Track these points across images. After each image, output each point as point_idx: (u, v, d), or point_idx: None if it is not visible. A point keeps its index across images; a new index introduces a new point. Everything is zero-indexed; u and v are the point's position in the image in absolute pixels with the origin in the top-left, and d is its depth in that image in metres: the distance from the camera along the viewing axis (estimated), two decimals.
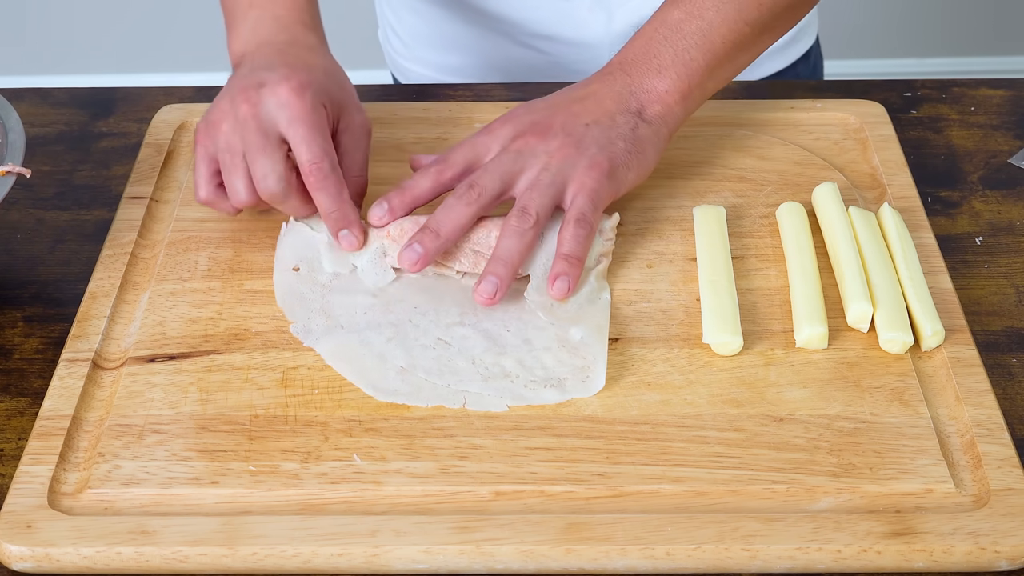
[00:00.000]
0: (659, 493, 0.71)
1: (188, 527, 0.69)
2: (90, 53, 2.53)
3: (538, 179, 0.82)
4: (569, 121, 0.85)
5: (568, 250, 0.81)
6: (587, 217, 0.82)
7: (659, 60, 0.87)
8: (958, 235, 0.90)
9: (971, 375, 0.77)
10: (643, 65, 0.87)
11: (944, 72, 2.53)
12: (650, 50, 0.88)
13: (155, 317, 0.82)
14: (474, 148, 0.85)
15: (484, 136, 0.85)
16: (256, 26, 0.90)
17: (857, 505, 0.70)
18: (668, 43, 0.87)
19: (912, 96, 1.04)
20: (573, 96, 0.87)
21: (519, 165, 0.83)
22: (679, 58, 0.87)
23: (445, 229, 0.81)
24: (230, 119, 0.82)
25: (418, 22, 1.19)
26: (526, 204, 0.82)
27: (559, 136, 0.84)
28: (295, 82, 0.82)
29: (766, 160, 0.94)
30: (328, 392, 0.76)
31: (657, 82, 0.87)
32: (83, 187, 0.96)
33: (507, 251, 0.81)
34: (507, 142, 0.84)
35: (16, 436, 0.77)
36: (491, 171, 0.82)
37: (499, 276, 0.80)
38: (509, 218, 0.81)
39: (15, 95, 1.01)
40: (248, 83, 0.83)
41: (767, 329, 0.80)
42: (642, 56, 0.88)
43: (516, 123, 0.85)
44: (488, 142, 0.85)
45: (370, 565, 0.68)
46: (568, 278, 0.81)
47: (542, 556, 0.68)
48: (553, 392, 0.76)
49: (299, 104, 0.81)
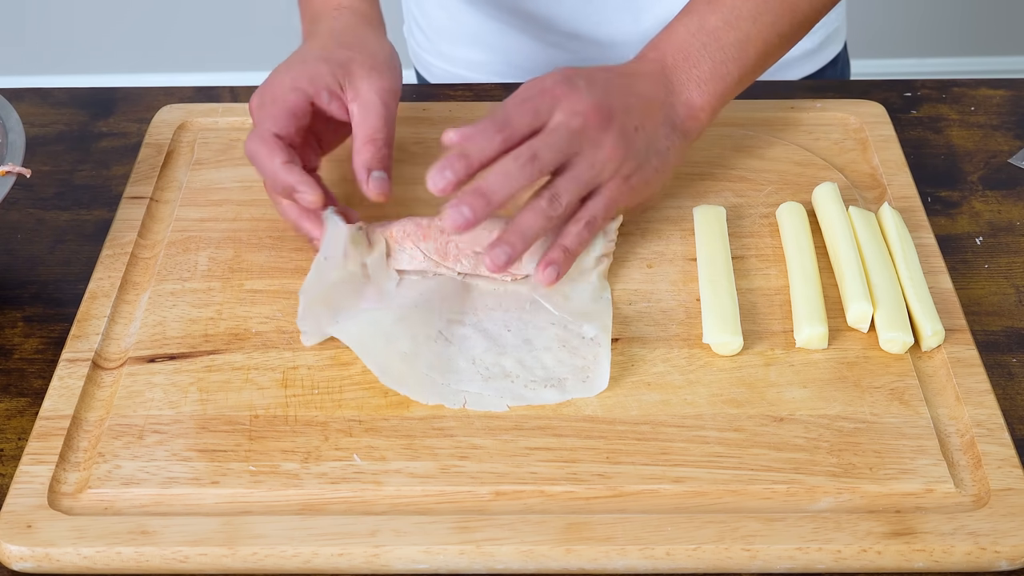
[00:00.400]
0: (659, 493, 0.71)
1: (188, 527, 0.69)
2: (90, 53, 2.53)
3: (580, 174, 0.80)
4: (625, 118, 0.82)
5: (569, 243, 0.81)
6: (598, 222, 0.82)
7: (699, 71, 0.86)
8: (958, 235, 0.90)
9: (971, 375, 0.77)
10: (683, 74, 0.86)
11: (944, 72, 2.53)
12: (689, 56, 0.86)
13: (155, 317, 0.82)
14: (537, 113, 0.81)
15: (547, 101, 0.81)
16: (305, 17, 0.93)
17: (857, 505, 0.70)
18: (707, 52, 0.86)
19: (912, 96, 1.04)
20: (624, 85, 0.84)
21: (575, 147, 0.80)
22: (717, 71, 0.86)
23: (498, 195, 0.77)
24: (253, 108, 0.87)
25: (442, 16, 1.19)
26: (561, 192, 0.79)
27: (614, 133, 0.81)
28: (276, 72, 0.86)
29: (766, 160, 0.94)
30: (328, 392, 0.76)
31: (696, 96, 0.86)
32: (83, 187, 0.96)
33: (528, 228, 0.79)
34: (569, 115, 0.80)
35: (16, 436, 0.77)
36: (553, 146, 0.79)
37: (514, 248, 0.78)
38: (540, 197, 0.79)
39: (15, 95, 1.01)
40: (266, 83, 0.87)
41: (767, 329, 0.80)
42: (682, 62, 0.86)
43: (579, 97, 0.81)
44: (551, 109, 0.81)
45: (370, 565, 0.68)
46: (558, 268, 0.80)
47: (542, 556, 0.68)
48: (553, 392, 0.76)
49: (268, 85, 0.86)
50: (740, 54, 0.87)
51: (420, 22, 1.22)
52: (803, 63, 1.17)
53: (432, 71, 1.24)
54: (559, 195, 0.80)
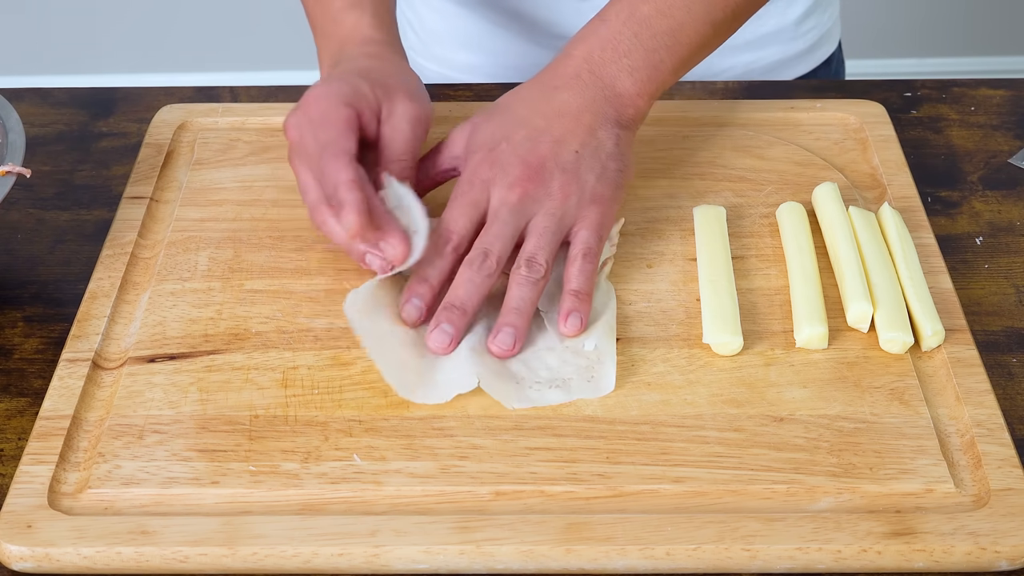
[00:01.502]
0: (659, 493, 0.71)
1: (188, 527, 0.69)
2: (90, 53, 2.53)
3: (545, 228, 0.81)
4: (559, 152, 0.82)
5: (577, 286, 0.80)
6: (593, 251, 0.81)
7: (630, 60, 0.85)
8: (958, 235, 0.90)
9: (971, 375, 0.77)
10: (613, 65, 0.85)
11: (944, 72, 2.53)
12: (619, 47, 0.85)
13: (155, 317, 0.82)
14: (475, 205, 0.82)
15: (476, 188, 0.82)
16: (324, 61, 0.92)
17: (857, 505, 0.70)
18: (639, 40, 0.85)
19: (912, 96, 1.04)
20: (544, 110, 0.84)
21: (524, 217, 0.81)
22: (649, 59, 0.85)
23: (470, 304, 0.79)
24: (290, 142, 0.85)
25: (435, 19, 1.19)
26: (534, 254, 0.80)
27: (556, 175, 0.82)
28: (309, 97, 0.83)
29: (766, 160, 0.94)
30: (328, 392, 0.76)
31: (629, 84, 0.85)
32: (83, 187, 0.96)
33: (521, 301, 0.79)
34: (505, 191, 0.81)
35: (16, 436, 0.77)
36: (500, 236, 0.80)
37: (516, 327, 0.79)
38: (518, 268, 0.80)
39: (15, 95, 1.01)
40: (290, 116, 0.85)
41: (767, 329, 0.80)
42: (611, 54, 0.85)
43: (503, 167, 0.82)
44: (485, 196, 0.82)
45: (370, 565, 0.68)
46: (580, 314, 0.79)
47: (542, 556, 0.68)
48: (559, 393, 0.76)
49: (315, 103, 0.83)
50: (673, 42, 0.86)
51: (414, 25, 1.22)
52: (796, 64, 1.17)
53: (426, 74, 1.24)
54: (534, 258, 0.80)
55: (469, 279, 0.79)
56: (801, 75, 1.18)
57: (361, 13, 0.91)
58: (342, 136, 0.81)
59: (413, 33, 1.23)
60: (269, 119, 0.98)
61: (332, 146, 0.81)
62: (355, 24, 0.91)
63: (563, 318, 0.79)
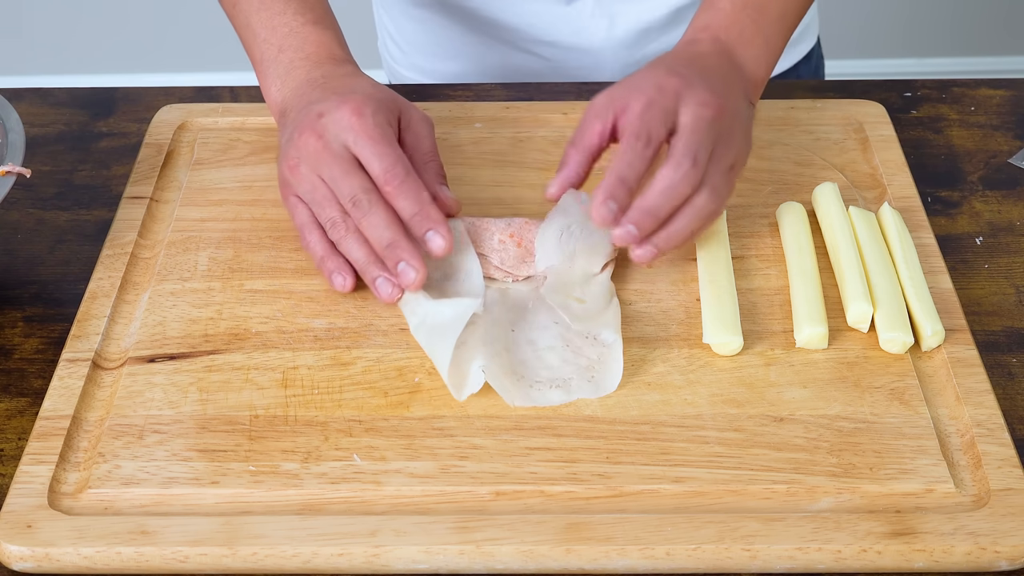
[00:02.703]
0: (659, 493, 0.71)
1: (188, 527, 0.69)
2: (90, 53, 2.53)
3: (726, 158, 0.80)
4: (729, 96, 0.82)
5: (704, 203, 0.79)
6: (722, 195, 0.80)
7: (755, 49, 0.87)
8: (958, 235, 0.90)
9: (971, 375, 0.77)
10: (741, 49, 0.86)
11: (944, 72, 2.53)
12: (743, 34, 0.86)
13: (155, 317, 0.82)
14: (666, 113, 0.80)
15: (668, 98, 0.80)
16: (290, 70, 0.89)
17: (857, 505, 0.70)
18: (759, 28, 0.87)
19: (912, 96, 1.04)
20: (706, 68, 0.84)
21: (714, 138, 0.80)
22: (768, 45, 0.87)
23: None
24: (304, 160, 0.82)
25: (416, 29, 1.18)
26: (697, 152, 0.78)
27: (728, 113, 0.81)
28: (352, 103, 0.81)
29: (766, 160, 0.94)
30: (328, 392, 0.76)
31: (755, 69, 0.87)
32: (83, 187, 0.96)
33: (667, 195, 0.78)
34: (698, 107, 0.80)
35: (16, 436, 0.77)
36: (704, 144, 0.79)
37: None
38: (676, 166, 0.78)
39: (15, 95, 1.01)
40: (306, 120, 0.83)
41: (767, 329, 0.80)
42: (736, 39, 0.86)
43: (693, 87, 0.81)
44: (675, 105, 0.80)
45: (370, 565, 0.68)
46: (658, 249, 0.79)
47: (542, 556, 0.68)
48: (559, 393, 0.76)
49: (361, 122, 0.81)
50: (783, 28, 0.88)
51: (394, 36, 1.21)
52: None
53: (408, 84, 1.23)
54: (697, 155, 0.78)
55: (671, 184, 0.78)
56: (784, 70, 1.18)
57: (324, 30, 0.90)
58: (400, 155, 0.81)
59: (393, 44, 1.22)
60: (269, 119, 0.98)
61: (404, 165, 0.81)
62: (321, 41, 0.89)
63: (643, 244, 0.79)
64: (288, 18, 0.90)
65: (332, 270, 0.82)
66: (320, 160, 0.81)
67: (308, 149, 0.81)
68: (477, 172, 0.93)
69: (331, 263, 0.82)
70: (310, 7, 0.91)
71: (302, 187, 0.82)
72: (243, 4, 0.92)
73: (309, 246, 0.83)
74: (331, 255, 0.82)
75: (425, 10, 1.16)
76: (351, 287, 0.82)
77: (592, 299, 0.81)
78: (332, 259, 0.82)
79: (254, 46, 0.91)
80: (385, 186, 0.80)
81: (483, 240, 0.83)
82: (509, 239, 0.84)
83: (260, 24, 0.91)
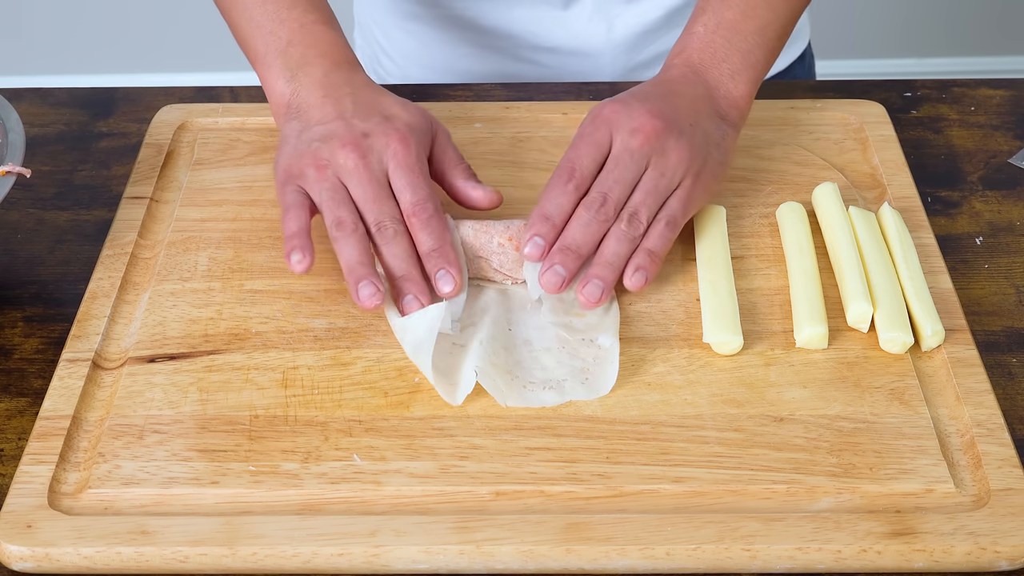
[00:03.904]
0: (659, 493, 0.71)
1: (188, 527, 0.69)
2: (90, 53, 2.53)
3: (654, 186, 0.82)
4: (678, 119, 0.84)
5: (652, 246, 0.81)
6: (677, 221, 0.82)
7: (729, 65, 0.88)
8: (958, 235, 0.90)
9: (971, 375, 0.77)
10: (715, 70, 0.88)
11: (944, 72, 2.53)
12: (716, 54, 0.88)
13: (155, 317, 0.82)
14: (599, 148, 0.83)
15: (602, 130, 0.83)
16: (302, 64, 0.88)
17: (857, 505, 0.70)
18: (732, 45, 0.88)
19: (912, 96, 1.04)
20: (664, 91, 0.86)
21: (642, 166, 0.82)
22: (746, 60, 0.88)
23: (587, 248, 0.80)
24: (337, 169, 0.82)
25: (411, 42, 1.17)
26: (638, 210, 0.81)
27: (674, 135, 0.83)
28: (399, 132, 0.83)
29: (766, 160, 0.94)
30: (328, 392, 0.76)
31: (732, 87, 0.87)
32: (83, 187, 0.96)
33: (615, 256, 0.80)
34: (627, 136, 0.82)
35: (16, 436, 0.77)
36: (620, 179, 0.82)
37: (606, 280, 0.80)
38: (620, 221, 0.81)
39: (15, 95, 1.01)
40: (348, 135, 0.83)
41: (767, 329, 0.80)
42: (710, 60, 0.88)
43: (632, 113, 0.83)
44: (608, 137, 0.83)
45: (370, 565, 0.68)
46: (646, 272, 0.80)
47: (542, 556, 0.68)
48: (552, 394, 0.76)
49: (406, 153, 0.82)
50: (762, 40, 0.89)
51: (388, 51, 1.20)
52: None
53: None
54: (638, 213, 0.81)
55: (587, 223, 0.81)
56: (778, 71, 1.18)
57: (334, 32, 0.90)
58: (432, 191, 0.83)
59: (387, 58, 1.21)
60: (269, 119, 0.98)
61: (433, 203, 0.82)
62: (333, 41, 0.90)
63: (631, 270, 0.80)
64: (298, 13, 0.90)
65: (295, 248, 0.80)
66: (356, 177, 0.82)
67: (347, 163, 0.82)
68: (477, 172, 0.92)
69: (297, 242, 0.80)
70: (318, 7, 0.91)
71: (321, 187, 0.82)
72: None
73: (287, 222, 0.81)
74: (301, 235, 0.81)
75: (419, 23, 1.15)
76: (306, 268, 0.79)
77: (592, 311, 0.81)
78: (300, 239, 0.80)
79: (257, 38, 0.90)
80: (412, 216, 0.81)
81: (482, 243, 0.83)
82: (508, 242, 0.84)
83: (266, 17, 0.90)
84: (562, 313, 0.81)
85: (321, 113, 0.85)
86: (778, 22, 0.89)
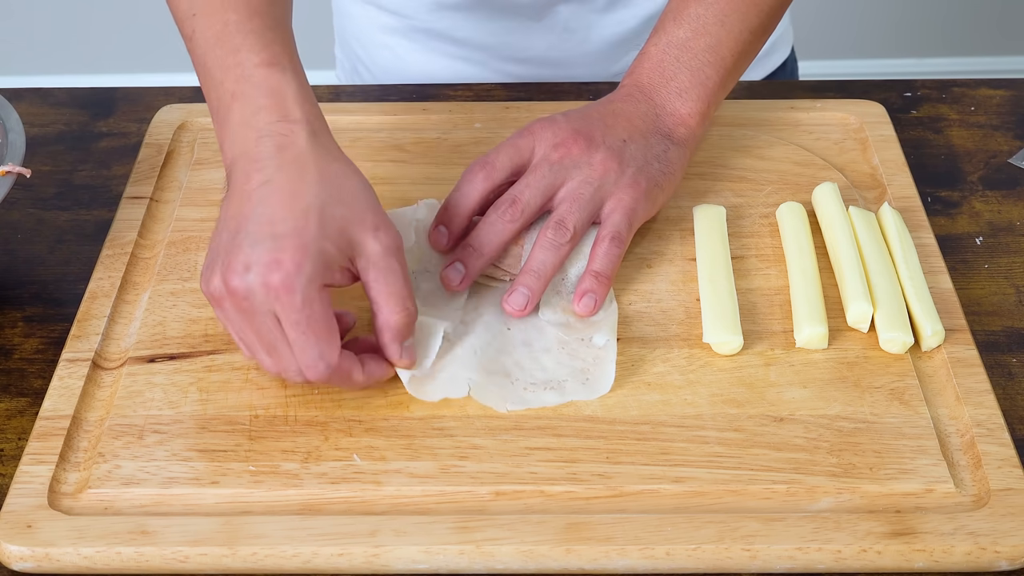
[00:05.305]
0: (659, 493, 0.71)
1: (188, 527, 0.69)
2: (90, 53, 2.53)
3: (579, 194, 0.82)
4: (608, 134, 0.84)
5: (599, 267, 0.81)
6: (622, 235, 0.82)
7: (677, 83, 0.87)
8: (958, 235, 0.91)
9: (971, 375, 0.77)
10: (662, 89, 0.87)
11: (944, 72, 2.53)
12: (664, 72, 0.88)
13: (155, 317, 0.82)
14: (518, 151, 0.84)
15: (526, 138, 0.84)
16: (238, 129, 0.75)
17: (857, 505, 0.70)
18: (681, 64, 0.87)
19: (912, 96, 1.04)
20: (603, 111, 0.86)
21: (561, 177, 0.82)
22: (695, 78, 0.87)
23: (488, 248, 0.81)
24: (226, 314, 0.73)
25: (387, 55, 1.17)
26: (564, 218, 0.81)
27: (601, 149, 0.83)
28: (283, 267, 0.69)
29: (766, 160, 0.94)
30: (328, 392, 0.76)
31: (679, 105, 0.87)
32: (83, 187, 0.96)
33: (541, 264, 0.80)
34: (549, 149, 0.83)
35: (16, 436, 0.77)
36: (533, 185, 0.82)
37: (531, 288, 0.80)
38: (545, 230, 0.81)
39: (15, 95, 1.01)
40: (233, 265, 0.71)
41: (767, 329, 0.80)
42: (659, 79, 0.88)
43: (557, 129, 0.84)
44: (531, 145, 0.84)
45: (370, 565, 0.68)
46: (596, 296, 0.80)
47: (542, 556, 0.68)
48: (553, 395, 0.76)
49: (289, 300, 0.69)
50: (715, 57, 0.88)
51: (369, 67, 1.19)
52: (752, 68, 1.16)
53: None
54: (563, 221, 0.81)
55: (492, 223, 0.81)
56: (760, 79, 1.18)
57: (280, 73, 0.76)
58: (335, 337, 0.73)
59: (367, 71, 1.20)
60: None
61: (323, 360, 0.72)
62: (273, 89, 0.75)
63: (579, 297, 0.80)
64: (242, 57, 0.77)
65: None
66: (246, 324, 0.72)
67: (233, 308, 0.71)
68: None
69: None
70: (266, 44, 0.77)
71: (228, 326, 0.73)
72: (199, 36, 0.81)
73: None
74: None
75: (396, 36, 1.15)
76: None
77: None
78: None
79: (210, 88, 0.79)
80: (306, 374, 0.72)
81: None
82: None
83: (215, 63, 0.78)
84: (559, 309, 0.81)
85: (221, 229, 0.73)
86: (731, 39, 0.88)
